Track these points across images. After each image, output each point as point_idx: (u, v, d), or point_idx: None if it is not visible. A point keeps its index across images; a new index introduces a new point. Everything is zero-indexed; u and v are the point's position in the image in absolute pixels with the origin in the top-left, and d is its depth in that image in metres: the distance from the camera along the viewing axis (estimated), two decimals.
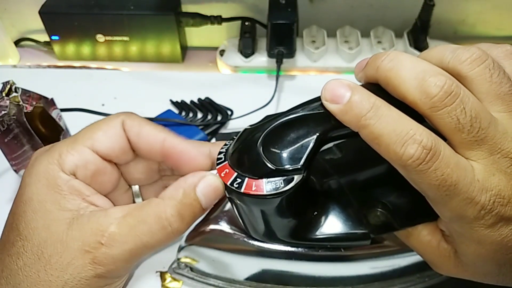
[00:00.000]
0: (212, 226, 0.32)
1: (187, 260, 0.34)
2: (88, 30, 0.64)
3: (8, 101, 0.38)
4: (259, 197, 0.23)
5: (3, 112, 0.38)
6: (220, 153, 0.26)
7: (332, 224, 0.27)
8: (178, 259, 0.35)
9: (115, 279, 0.26)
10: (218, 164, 0.25)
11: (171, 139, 0.27)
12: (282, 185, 0.23)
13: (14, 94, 0.39)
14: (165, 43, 0.64)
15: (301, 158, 0.23)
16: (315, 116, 0.23)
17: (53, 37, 0.65)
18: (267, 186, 0.23)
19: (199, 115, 0.56)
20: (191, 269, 0.34)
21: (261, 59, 0.63)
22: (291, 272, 0.33)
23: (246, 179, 0.23)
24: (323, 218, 0.28)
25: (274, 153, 0.23)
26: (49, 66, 0.67)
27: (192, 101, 0.58)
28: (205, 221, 0.32)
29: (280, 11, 0.58)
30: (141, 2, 0.62)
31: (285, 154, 0.23)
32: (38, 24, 0.63)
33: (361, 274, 0.34)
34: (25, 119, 0.39)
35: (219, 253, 0.32)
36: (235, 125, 0.56)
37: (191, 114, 0.56)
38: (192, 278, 0.34)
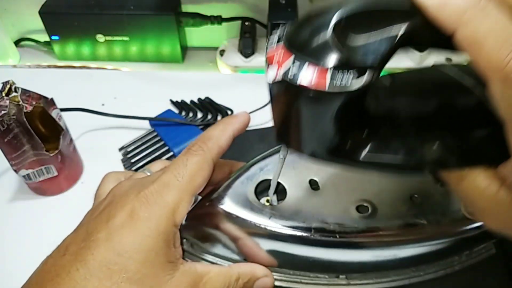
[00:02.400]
0: (213, 205, 0.32)
1: (188, 237, 0.34)
2: (88, 30, 0.64)
3: (8, 101, 0.38)
4: (319, 92, 0.20)
5: (3, 112, 0.38)
6: (269, 43, 0.22)
7: (384, 149, 0.24)
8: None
9: None
10: (269, 49, 0.21)
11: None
12: (351, 77, 0.19)
13: (14, 94, 0.39)
14: (165, 43, 0.64)
15: (377, 55, 0.19)
16: (401, 12, 0.20)
17: (53, 37, 0.65)
18: (333, 77, 0.19)
19: (199, 115, 0.56)
20: (192, 245, 0.34)
21: (261, 59, 0.63)
22: (290, 254, 0.33)
23: (306, 63, 0.20)
24: (375, 141, 0.24)
25: (345, 42, 0.19)
26: (49, 66, 0.67)
27: (192, 101, 0.58)
28: (207, 200, 0.32)
29: (280, 11, 0.58)
30: (141, 2, 0.62)
31: (359, 45, 0.19)
32: (38, 24, 0.63)
33: (355, 261, 0.33)
34: (25, 119, 0.39)
35: (219, 234, 0.33)
36: None
37: (191, 114, 0.56)
38: (192, 254, 0.34)
